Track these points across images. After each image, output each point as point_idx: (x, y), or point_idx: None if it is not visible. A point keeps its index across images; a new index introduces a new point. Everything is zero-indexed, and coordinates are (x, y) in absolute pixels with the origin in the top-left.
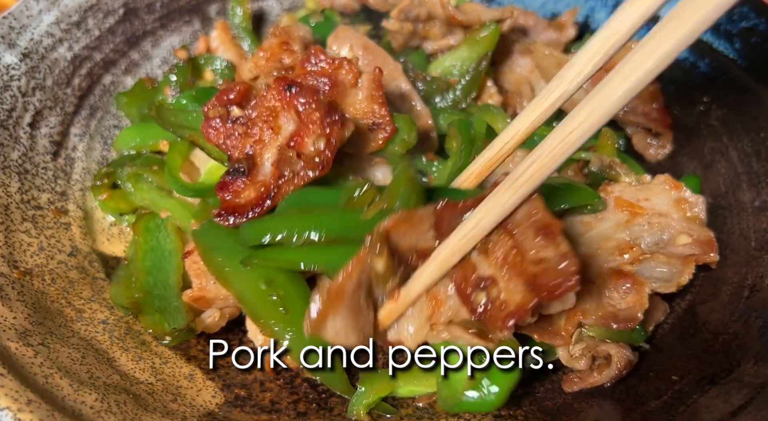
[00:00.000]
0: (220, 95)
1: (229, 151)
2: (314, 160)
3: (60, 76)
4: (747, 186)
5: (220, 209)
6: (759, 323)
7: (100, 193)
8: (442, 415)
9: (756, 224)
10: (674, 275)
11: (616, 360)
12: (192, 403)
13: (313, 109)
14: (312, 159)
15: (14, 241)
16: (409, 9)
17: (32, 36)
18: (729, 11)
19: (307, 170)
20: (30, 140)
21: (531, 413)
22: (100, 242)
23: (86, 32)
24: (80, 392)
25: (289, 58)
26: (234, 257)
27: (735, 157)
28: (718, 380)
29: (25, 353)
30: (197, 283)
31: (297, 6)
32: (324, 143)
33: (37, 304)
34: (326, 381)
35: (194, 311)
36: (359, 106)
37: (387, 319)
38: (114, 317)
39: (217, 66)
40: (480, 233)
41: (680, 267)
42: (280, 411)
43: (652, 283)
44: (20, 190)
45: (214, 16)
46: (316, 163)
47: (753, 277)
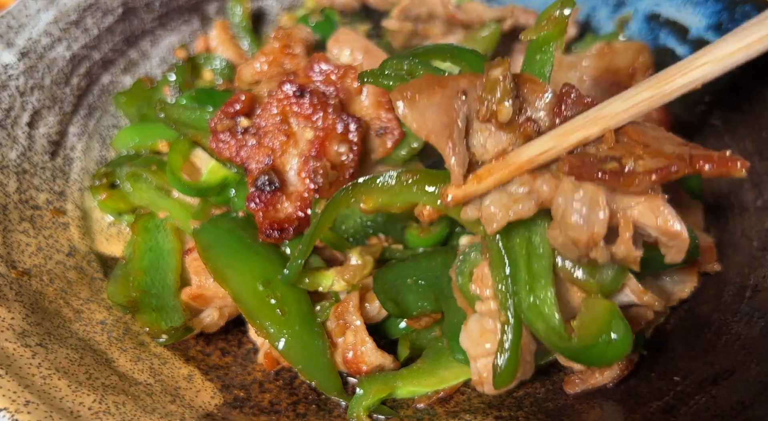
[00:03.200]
0: (226, 108)
1: (245, 163)
2: (343, 165)
3: (58, 76)
4: (749, 186)
5: (263, 226)
6: (761, 324)
7: (98, 193)
8: (442, 415)
9: (758, 224)
10: (677, 286)
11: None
12: (191, 404)
13: (328, 114)
14: (341, 165)
15: (12, 241)
16: (410, 8)
17: (30, 35)
18: (731, 10)
19: (340, 177)
20: (28, 140)
21: (532, 414)
22: (98, 242)
23: (85, 31)
24: (78, 393)
25: (291, 62)
26: (233, 257)
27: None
28: (721, 381)
29: (23, 354)
30: (197, 280)
31: (296, 5)
32: (347, 147)
33: (35, 304)
34: (320, 385)
35: (193, 310)
36: (365, 113)
37: (487, 175)
38: (112, 318)
39: (216, 65)
40: (605, 117)
41: (683, 276)
42: (279, 412)
43: (654, 291)
44: (18, 190)
45: (214, 16)
46: (346, 167)
47: (755, 277)
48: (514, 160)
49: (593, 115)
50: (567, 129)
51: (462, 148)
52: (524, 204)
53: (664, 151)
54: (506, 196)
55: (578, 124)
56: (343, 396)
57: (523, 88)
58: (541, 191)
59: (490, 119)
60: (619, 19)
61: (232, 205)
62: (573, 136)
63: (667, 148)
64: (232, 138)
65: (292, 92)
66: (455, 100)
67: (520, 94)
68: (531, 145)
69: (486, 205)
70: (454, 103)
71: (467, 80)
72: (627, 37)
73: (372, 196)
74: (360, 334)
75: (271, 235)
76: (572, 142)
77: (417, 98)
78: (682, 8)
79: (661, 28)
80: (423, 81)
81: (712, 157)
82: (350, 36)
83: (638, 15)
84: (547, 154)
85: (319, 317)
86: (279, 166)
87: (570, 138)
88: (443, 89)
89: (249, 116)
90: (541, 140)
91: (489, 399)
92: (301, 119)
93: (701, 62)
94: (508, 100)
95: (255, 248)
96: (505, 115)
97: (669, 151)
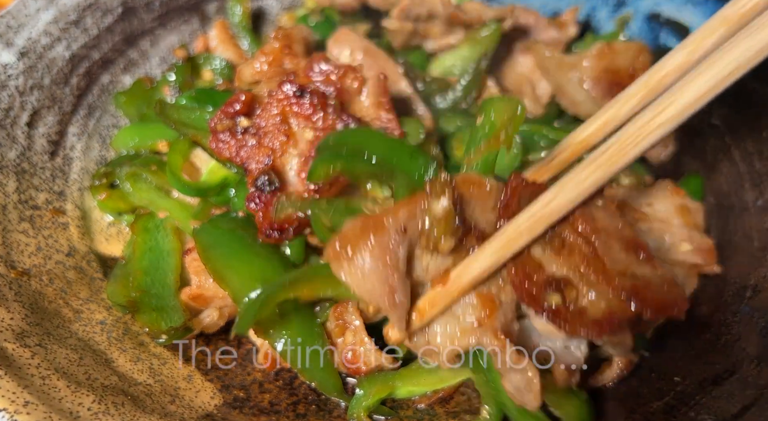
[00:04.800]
0: (226, 108)
1: (245, 163)
2: None
3: (58, 75)
4: (749, 186)
5: (263, 226)
6: (761, 324)
7: (98, 192)
8: (442, 415)
9: (759, 224)
10: None
11: (617, 360)
12: (190, 404)
13: (328, 114)
14: None
15: (12, 241)
16: (410, 8)
17: (30, 35)
18: None
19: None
20: (28, 140)
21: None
22: (98, 241)
23: (84, 31)
24: (78, 394)
25: (291, 62)
26: (233, 257)
27: (737, 156)
28: (721, 381)
29: (23, 354)
30: (197, 281)
31: (296, 5)
32: None
33: (35, 304)
34: (320, 386)
35: (192, 310)
36: (365, 113)
37: (430, 308)
38: (112, 318)
39: (216, 65)
40: (551, 214)
41: (682, 278)
42: (279, 412)
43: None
44: (18, 190)
45: (213, 15)
46: None
47: (756, 277)
48: (456, 285)
49: (539, 213)
50: (510, 236)
51: (404, 296)
52: (472, 338)
53: (610, 272)
54: (453, 322)
55: (523, 227)
56: (342, 397)
57: (468, 190)
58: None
59: (433, 250)
60: (619, 19)
61: (232, 206)
62: (516, 243)
63: (614, 263)
64: (232, 138)
65: (292, 92)
66: (394, 239)
67: (464, 200)
68: (473, 262)
69: (433, 336)
70: (392, 246)
71: (406, 212)
72: (627, 37)
73: (310, 289)
74: (359, 334)
75: (270, 235)
76: (516, 250)
77: (354, 256)
78: (682, 8)
79: (661, 28)
80: (358, 228)
81: (653, 300)
82: (350, 36)
83: (638, 15)
84: (491, 269)
85: (319, 318)
86: (279, 167)
87: (513, 246)
88: (380, 236)
89: (249, 116)
90: (484, 255)
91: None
92: (301, 119)
93: (655, 124)
94: (450, 236)
95: (255, 248)
96: (447, 248)
97: (613, 271)
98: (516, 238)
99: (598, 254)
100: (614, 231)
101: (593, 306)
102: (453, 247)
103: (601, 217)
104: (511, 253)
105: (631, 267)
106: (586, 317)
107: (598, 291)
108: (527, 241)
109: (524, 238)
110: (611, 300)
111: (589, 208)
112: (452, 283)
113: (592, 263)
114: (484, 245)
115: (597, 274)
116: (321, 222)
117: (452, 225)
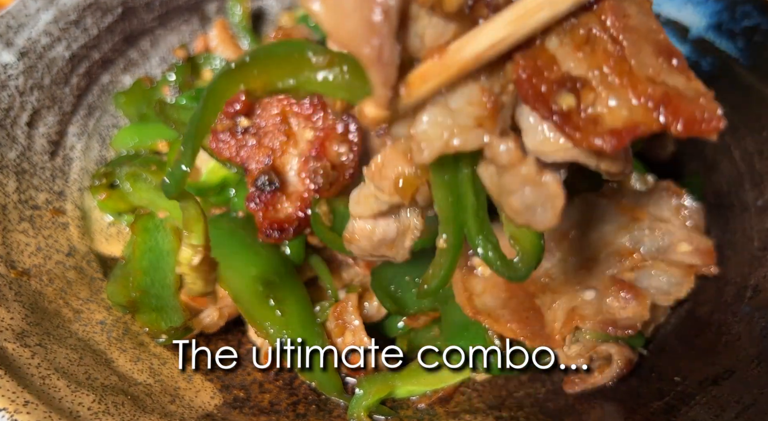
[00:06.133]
0: (226, 108)
1: (245, 163)
2: (343, 166)
3: (58, 75)
4: (750, 185)
5: (263, 226)
6: (762, 324)
7: (98, 192)
8: (442, 415)
9: (759, 224)
10: (673, 287)
11: (616, 359)
12: (190, 404)
13: (328, 114)
14: (341, 165)
15: (11, 241)
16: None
17: (30, 35)
18: (731, 10)
19: (340, 177)
20: (27, 140)
21: (533, 415)
22: (98, 242)
23: (84, 31)
24: (78, 394)
25: None
26: (233, 257)
27: (738, 156)
28: (721, 382)
29: (23, 354)
30: None
31: (296, 5)
32: (347, 147)
33: (35, 304)
34: (320, 386)
35: (192, 310)
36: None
37: (420, 83)
38: (112, 318)
39: (216, 65)
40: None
41: (680, 278)
42: (279, 412)
43: (651, 291)
44: (18, 189)
45: (213, 15)
46: (346, 167)
47: (756, 277)
48: (455, 58)
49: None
50: (529, 5)
51: (391, 53)
52: (469, 136)
53: (637, 76)
54: (445, 115)
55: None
56: (342, 396)
57: None
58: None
59: (433, 7)
60: None
61: (231, 206)
62: (535, 17)
63: (641, 69)
64: (232, 138)
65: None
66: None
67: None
68: (478, 32)
69: (420, 127)
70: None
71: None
72: None
73: (265, 75)
74: (359, 334)
75: (270, 235)
76: (533, 26)
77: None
78: (682, 8)
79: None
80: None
81: (685, 112)
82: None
83: None
84: (499, 46)
85: (319, 318)
86: (279, 167)
87: (531, 20)
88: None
89: (249, 116)
90: (493, 25)
91: (489, 399)
92: (301, 119)
93: None
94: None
95: (255, 248)
96: (454, 4)
97: (642, 75)
98: (536, 9)
99: (625, 56)
100: (647, 32)
101: (612, 114)
102: (460, 6)
103: (634, 13)
104: (527, 28)
105: (661, 75)
106: (602, 126)
107: (620, 97)
108: (548, 17)
109: (545, 11)
110: (635, 108)
111: (622, 1)
112: (450, 56)
113: (618, 64)
114: (494, 15)
115: (622, 76)
116: (321, 222)
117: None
